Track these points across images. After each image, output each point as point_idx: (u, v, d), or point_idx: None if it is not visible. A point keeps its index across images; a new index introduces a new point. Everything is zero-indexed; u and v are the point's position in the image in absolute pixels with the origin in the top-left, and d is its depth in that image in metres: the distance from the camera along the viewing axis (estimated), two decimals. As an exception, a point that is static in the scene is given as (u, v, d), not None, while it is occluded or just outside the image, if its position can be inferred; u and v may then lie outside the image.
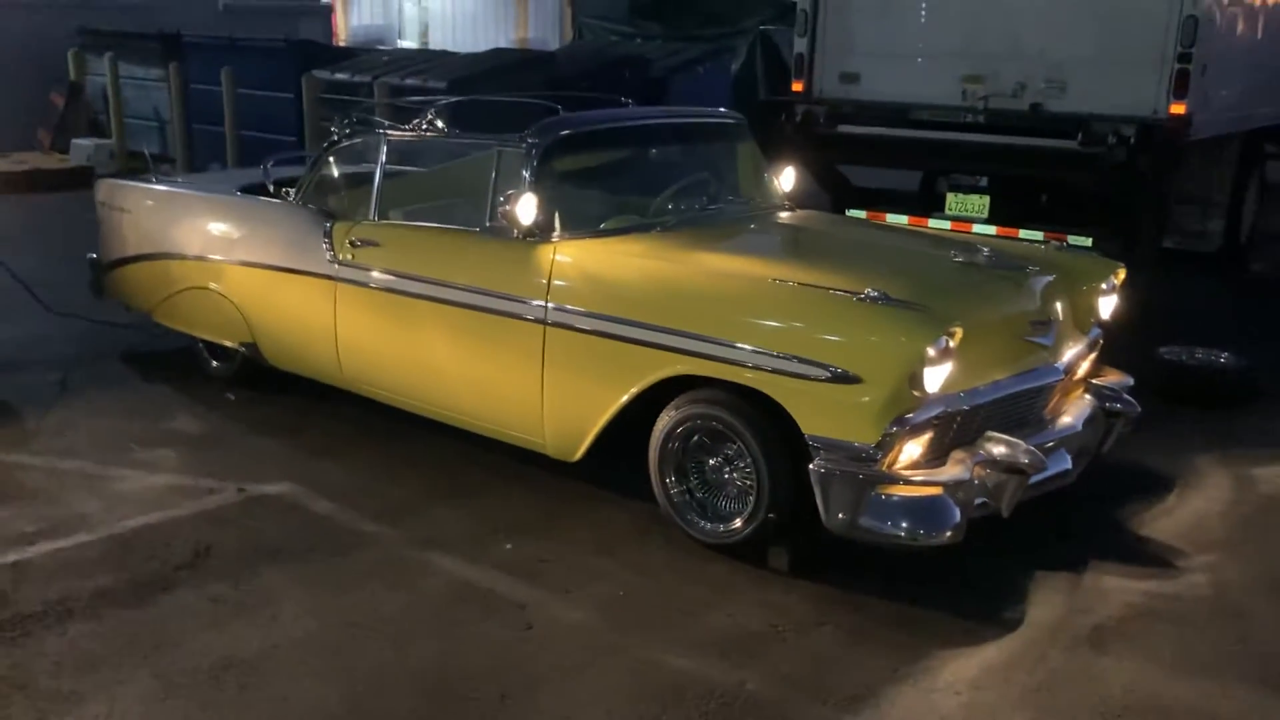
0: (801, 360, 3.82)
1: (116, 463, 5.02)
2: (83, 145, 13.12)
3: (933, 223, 8.40)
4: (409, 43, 23.81)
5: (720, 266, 4.37)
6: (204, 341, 6.07)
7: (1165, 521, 4.64)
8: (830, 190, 9.07)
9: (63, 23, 14.14)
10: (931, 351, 3.70)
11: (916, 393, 3.74)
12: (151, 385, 6.10)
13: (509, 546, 4.29)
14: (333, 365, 5.33)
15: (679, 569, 4.13)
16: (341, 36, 20.09)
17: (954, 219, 8.35)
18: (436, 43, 22.43)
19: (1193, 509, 4.77)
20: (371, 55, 11.60)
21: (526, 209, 4.50)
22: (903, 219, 8.56)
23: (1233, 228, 9.43)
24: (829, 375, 3.77)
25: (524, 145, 4.67)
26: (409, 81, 9.99)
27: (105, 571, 4.02)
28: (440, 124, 5.20)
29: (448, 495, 4.74)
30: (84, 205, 10.52)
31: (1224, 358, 6.39)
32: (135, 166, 13.26)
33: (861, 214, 8.66)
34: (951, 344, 3.77)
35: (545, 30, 21.55)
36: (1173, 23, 7.32)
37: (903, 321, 3.79)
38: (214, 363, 6.09)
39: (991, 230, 8.17)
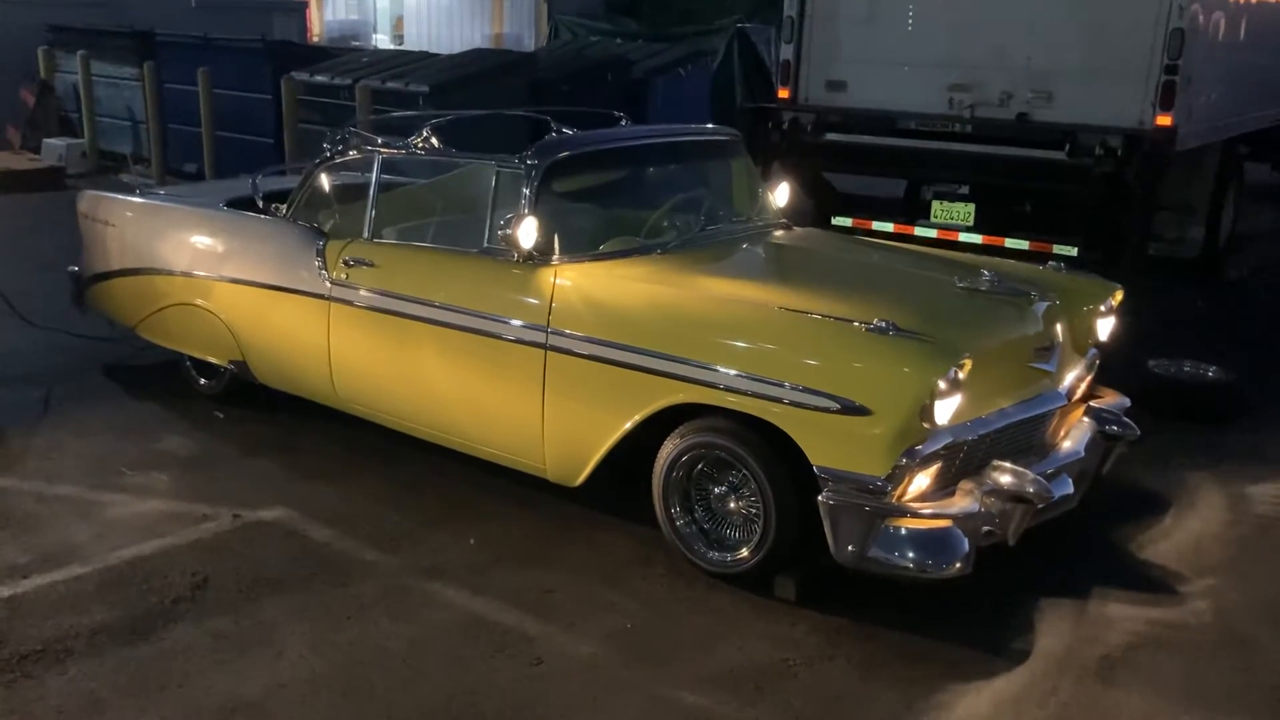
0: (810, 391, 3.80)
1: (106, 487, 4.93)
2: (54, 145, 12.93)
3: (919, 230, 8.46)
4: (383, 36, 23.64)
5: (724, 292, 4.34)
6: (191, 358, 5.98)
7: (1164, 544, 4.67)
8: (815, 197, 9.07)
9: (31, 18, 13.90)
10: (942, 384, 3.69)
11: (926, 424, 3.73)
12: (138, 402, 6.00)
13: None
14: (326, 385, 5.26)
15: (685, 598, 4.11)
16: (316, 31, 19.89)
17: (940, 227, 8.40)
18: (411, 37, 22.29)
19: (1189, 530, 4.80)
20: (350, 56, 11.48)
21: (527, 233, 4.45)
22: (888, 226, 8.60)
23: (1211, 233, 9.52)
24: (839, 407, 3.75)
25: (523, 167, 4.62)
26: (390, 85, 9.88)
27: (103, 606, 3.94)
28: (435, 142, 5.15)
29: (447, 520, 4.70)
30: (57, 207, 10.43)
31: (1212, 371, 6.43)
32: (108, 166, 13.14)
33: (847, 221, 8.71)
34: (961, 375, 3.76)
35: (520, 26, 21.44)
36: (1159, 35, 7.38)
37: (912, 354, 3.78)
38: (201, 380, 6.00)
39: (977, 239, 8.24)
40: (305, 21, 17.97)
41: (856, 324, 3.91)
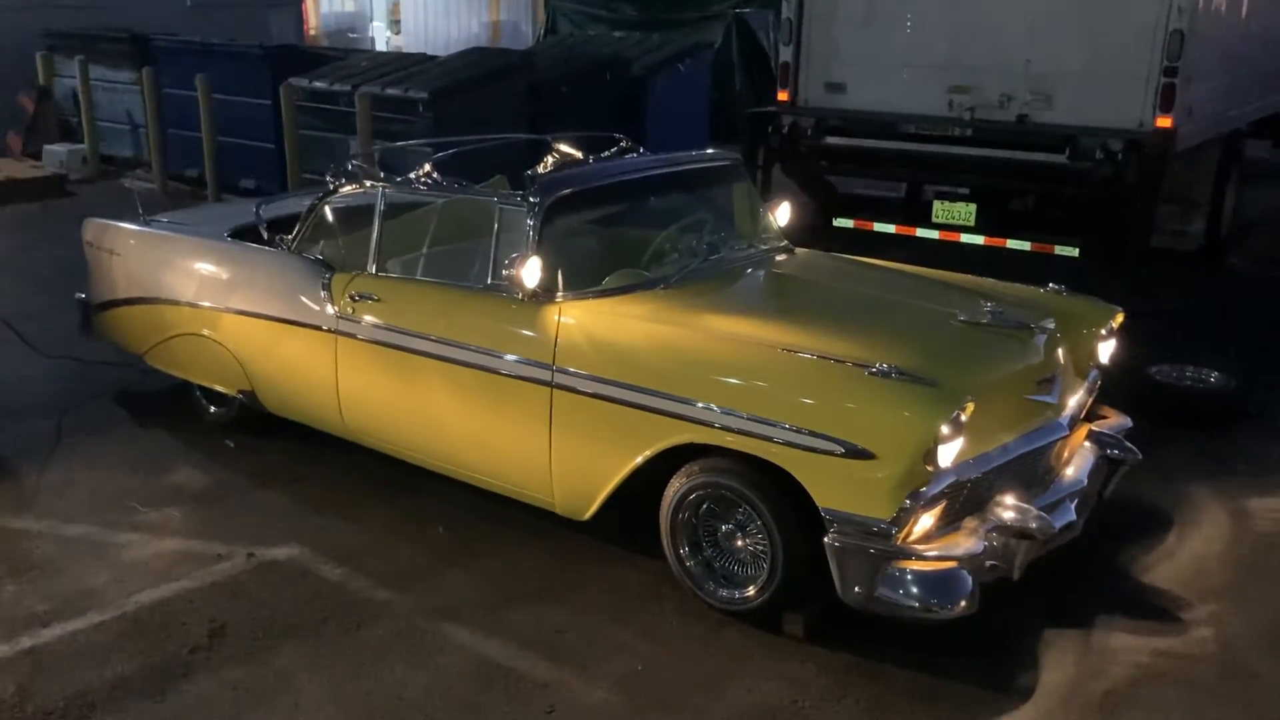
0: (815, 434, 3.84)
1: (121, 526, 4.99)
2: (55, 151, 12.96)
3: (920, 232, 8.49)
4: (379, 24, 23.58)
5: (728, 330, 4.36)
6: (200, 387, 6.03)
7: (1166, 566, 4.71)
8: (817, 200, 9.10)
9: (26, 23, 13.89)
10: (945, 429, 3.73)
11: (930, 467, 3.77)
12: (149, 431, 6.05)
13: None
14: (334, 416, 5.32)
15: (694, 637, 4.17)
16: (312, 25, 19.82)
17: (941, 228, 8.43)
18: (407, 25, 22.23)
19: (1192, 551, 4.84)
20: (349, 60, 11.45)
21: (531, 273, 4.49)
22: (889, 228, 8.64)
23: (1213, 225, 9.53)
24: (843, 450, 3.79)
25: (525, 204, 4.65)
26: (389, 92, 9.88)
27: (122, 657, 4.01)
28: (437, 176, 5.18)
29: (457, 555, 4.75)
30: (61, 217, 10.47)
31: (1214, 377, 6.45)
32: (110, 171, 13.16)
33: (849, 223, 8.75)
34: (964, 418, 3.80)
35: (517, 13, 21.37)
36: (1158, 37, 7.38)
37: (916, 399, 3.82)
38: (211, 408, 6.05)
39: (979, 240, 8.28)
40: (302, 17, 17.91)
41: (860, 367, 3.94)
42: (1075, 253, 7.91)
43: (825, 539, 3.87)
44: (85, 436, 5.95)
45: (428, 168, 5.18)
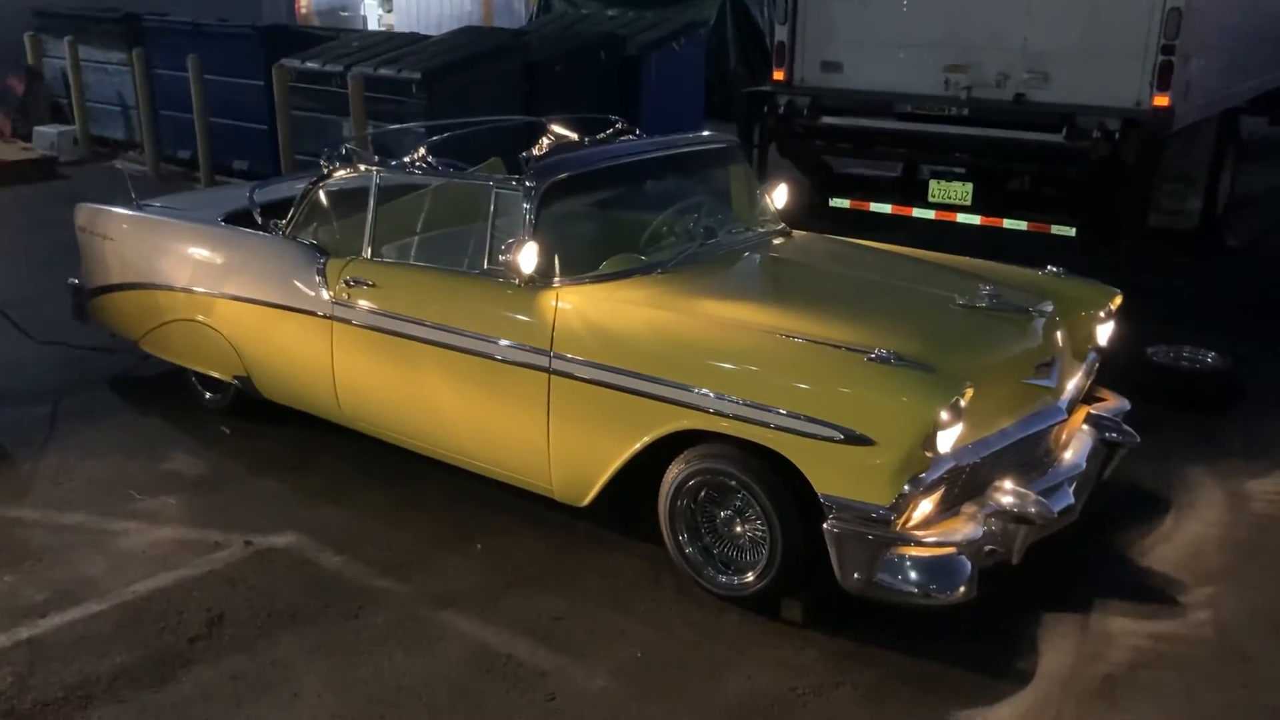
0: (814, 420, 3.83)
1: (118, 514, 4.97)
2: (46, 133, 12.87)
3: (917, 212, 8.46)
4: (370, 2, 23.40)
5: (726, 316, 4.34)
6: (195, 373, 6.00)
7: (1164, 549, 4.72)
8: (813, 179, 9.05)
9: (14, 3, 13.76)
10: (944, 415, 3.72)
11: (929, 453, 3.76)
12: (144, 418, 6.03)
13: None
14: (331, 403, 5.30)
15: (693, 623, 4.17)
16: (304, 3, 19.65)
17: (937, 208, 8.40)
18: (399, 3, 22.05)
19: (1189, 533, 4.85)
20: (341, 40, 11.36)
21: (528, 258, 4.46)
22: (886, 208, 8.61)
23: (1209, 202, 9.50)
24: (842, 437, 3.78)
25: (521, 188, 4.62)
26: (382, 72, 9.80)
27: (121, 647, 4.00)
28: (432, 160, 5.15)
29: (456, 542, 4.74)
30: (52, 200, 10.42)
31: (1211, 357, 6.45)
32: (101, 153, 13.08)
33: (845, 203, 8.72)
34: (963, 403, 3.79)
35: (510, -10, 21.21)
36: (1155, 15, 7.32)
37: (915, 385, 3.80)
38: (207, 394, 6.03)
39: (975, 219, 8.25)
40: (293, -5, 17.79)
41: (858, 352, 3.93)
42: (1072, 232, 7.89)
43: (824, 525, 3.86)
44: (80, 423, 5.93)
45: (422, 151, 5.15)
